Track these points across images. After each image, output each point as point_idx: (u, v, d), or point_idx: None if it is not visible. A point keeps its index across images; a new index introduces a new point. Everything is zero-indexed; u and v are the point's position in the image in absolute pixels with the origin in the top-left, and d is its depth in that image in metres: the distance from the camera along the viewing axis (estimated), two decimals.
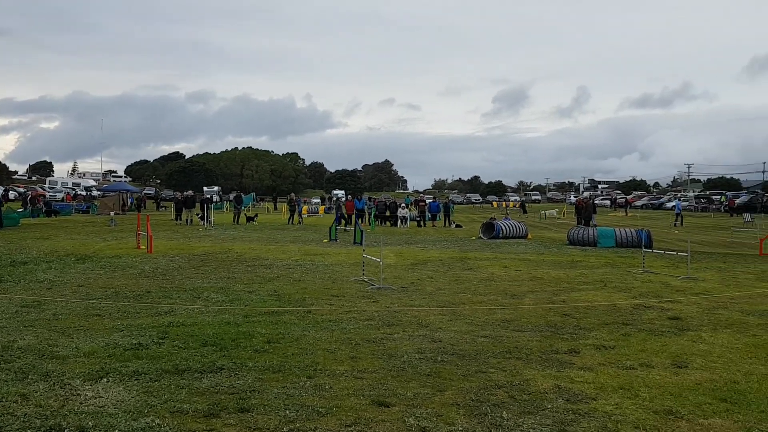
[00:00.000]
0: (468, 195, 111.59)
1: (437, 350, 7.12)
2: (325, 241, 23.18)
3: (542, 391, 5.73)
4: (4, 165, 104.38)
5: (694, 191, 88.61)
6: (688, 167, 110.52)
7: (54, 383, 5.70)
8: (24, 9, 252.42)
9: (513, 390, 5.74)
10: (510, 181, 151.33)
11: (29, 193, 54.64)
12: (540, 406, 5.31)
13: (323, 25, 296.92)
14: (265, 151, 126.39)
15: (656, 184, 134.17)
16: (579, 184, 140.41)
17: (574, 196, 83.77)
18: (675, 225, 36.23)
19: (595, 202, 43.14)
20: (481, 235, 25.68)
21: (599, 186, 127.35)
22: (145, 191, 74.63)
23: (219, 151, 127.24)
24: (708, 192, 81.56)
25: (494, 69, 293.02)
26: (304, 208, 47.72)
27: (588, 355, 7.05)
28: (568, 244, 22.62)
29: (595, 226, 27.27)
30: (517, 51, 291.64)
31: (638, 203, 77.85)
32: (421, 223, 35.26)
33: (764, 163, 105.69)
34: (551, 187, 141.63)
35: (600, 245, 21.60)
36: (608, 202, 74.71)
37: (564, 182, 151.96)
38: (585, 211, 29.69)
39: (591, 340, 7.77)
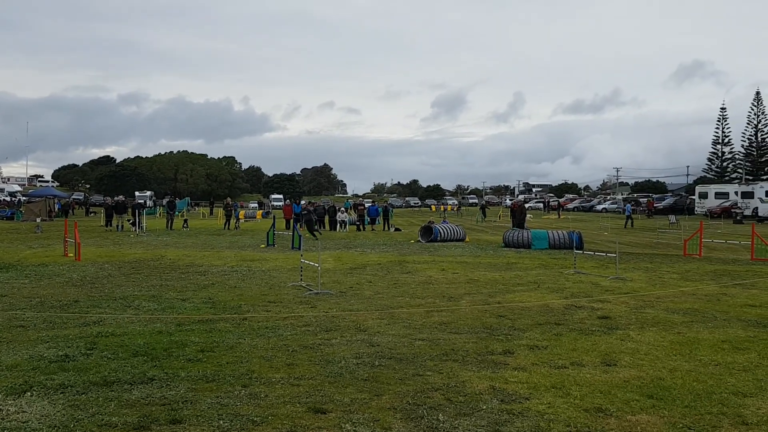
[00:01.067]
0: (407, 198, 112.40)
1: (375, 354, 7.12)
2: (263, 246, 22.88)
3: (477, 392, 5.80)
4: None
5: (622, 194, 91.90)
6: (617, 171, 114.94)
7: None
8: None
9: (449, 392, 5.79)
10: (448, 185, 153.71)
11: None
12: (475, 408, 5.38)
13: (262, 26, 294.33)
14: (200, 154, 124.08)
15: (587, 187, 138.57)
16: (514, 188, 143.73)
17: (510, 200, 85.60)
18: (626, 227, 37.51)
19: (527, 205, 44.15)
20: (420, 238, 25.90)
21: (533, 189, 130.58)
22: (73, 196, 71.84)
23: (152, 155, 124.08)
24: (636, 195, 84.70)
25: (433, 74, 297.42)
26: (241, 213, 46.98)
27: (522, 355, 7.19)
28: (504, 246, 23.07)
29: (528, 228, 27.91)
30: (456, 56, 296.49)
31: (570, 206, 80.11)
32: (361, 227, 35.29)
33: (688, 166, 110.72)
34: (488, 191, 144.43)
35: (534, 247, 22.12)
36: (541, 205, 76.58)
37: (500, 185, 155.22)
38: (519, 214, 30.35)
39: (525, 340, 7.94)
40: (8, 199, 64.80)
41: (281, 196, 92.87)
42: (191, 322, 8.91)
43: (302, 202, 36.56)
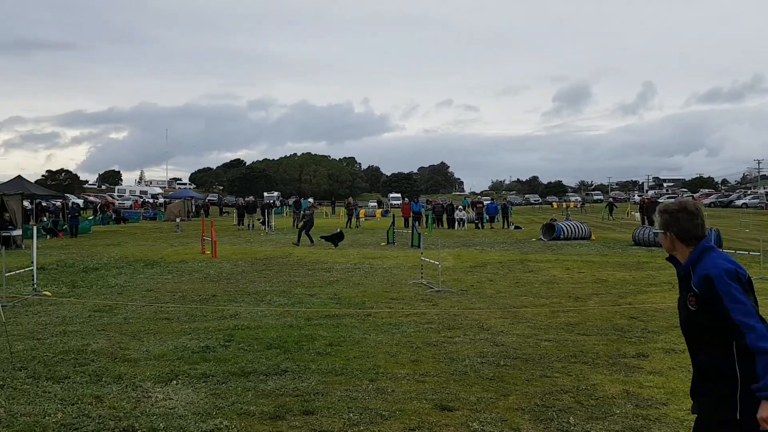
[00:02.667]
0: (526, 195, 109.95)
1: (499, 354, 7.04)
2: (383, 244, 23.25)
3: (610, 396, 5.58)
4: (76, 175, 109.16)
5: (764, 188, 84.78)
6: (758, 163, 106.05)
7: (126, 385, 5.91)
8: (88, 24, 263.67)
9: (579, 395, 5.61)
10: (570, 181, 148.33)
11: (99, 201, 56.89)
12: (608, 412, 5.18)
13: (378, 28, 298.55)
14: (322, 156, 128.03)
15: (724, 181, 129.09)
16: (643, 183, 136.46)
17: (638, 195, 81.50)
18: None
19: (661, 201, 41.73)
20: (542, 236, 25.26)
21: (664, 184, 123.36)
22: (208, 197, 76.59)
23: (278, 157, 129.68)
24: None
25: (554, 67, 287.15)
26: (361, 211, 48.04)
27: (657, 358, 6.83)
28: (633, 244, 21.99)
29: None
30: (578, 47, 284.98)
31: (706, 201, 75.01)
32: (479, 225, 34.96)
33: None
34: (614, 186, 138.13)
35: None
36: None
37: (627, 181, 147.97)
38: (649, 211, 28.81)
39: (660, 343, 7.53)
40: (151, 200, 70.20)
41: (399, 195, 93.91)
42: (319, 316, 9.23)
43: (309, 200, 35.43)
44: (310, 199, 35.20)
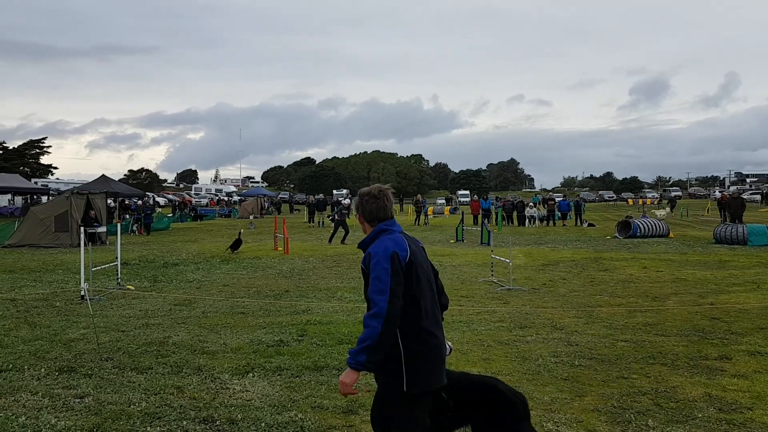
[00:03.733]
0: (600, 192, 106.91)
1: (574, 354, 6.90)
2: (452, 241, 23.14)
3: (691, 399, 5.38)
4: (156, 174, 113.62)
5: None
6: None
7: (205, 377, 6.13)
8: (167, 28, 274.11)
9: (659, 397, 5.44)
10: (646, 177, 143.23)
11: (178, 200, 59.05)
12: (689, 415, 5.00)
13: (445, 25, 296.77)
14: (390, 153, 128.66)
15: None
16: (724, 178, 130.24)
17: (719, 191, 77.90)
18: None
19: (744, 197, 39.72)
20: (617, 234, 24.54)
21: (747, 179, 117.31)
22: (280, 195, 78.23)
23: (347, 155, 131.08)
24: None
25: (630, 59, 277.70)
26: (430, 209, 47.94)
27: (741, 361, 6.53)
28: (715, 242, 21.07)
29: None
30: (656, 39, 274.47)
31: None
32: (550, 222, 34.27)
33: None
34: (692, 182, 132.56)
35: (751, 244, 19.92)
36: (758, 197, 68.67)
37: (707, 176, 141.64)
38: (732, 208, 27.52)
39: (744, 345, 7.19)
40: (226, 198, 72.31)
41: (467, 192, 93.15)
42: None
43: (345, 199, 34.91)
44: (347, 200, 35.14)
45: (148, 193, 49.09)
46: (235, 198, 72.16)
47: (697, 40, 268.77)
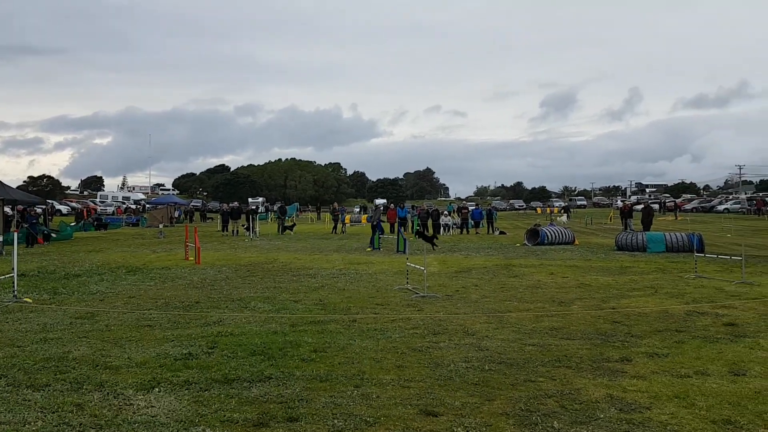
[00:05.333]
0: (511, 201, 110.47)
1: (484, 359, 7.04)
2: (369, 249, 23.23)
3: (594, 400, 5.60)
4: (58, 181, 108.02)
5: (746, 193, 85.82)
6: (740, 168, 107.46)
7: (108, 393, 5.83)
8: (76, 29, 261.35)
9: (564, 399, 5.62)
10: (554, 187, 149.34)
11: (81, 207, 56.34)
12: (592, 416, 5.19)
13: (365, 35, 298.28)
14: (307, 161, 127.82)
15: (706, 187, 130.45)
16: (626, 188, 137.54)
17: (621, 201, 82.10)
18: None
19: (639, 207, 42.05)
20: (526, 241, 25.37)
21: (647, 189, 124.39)
22: (192, 203, 76.09)
23: (263, 163, 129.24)
24: (761, 194, 78.79)
25: (543, 72, 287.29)
26: (347, 217, 47.99)
27: (641, 363, 6.86)
28: (617, 249, 22.16)
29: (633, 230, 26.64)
30: (567, 53, 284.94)
31: (688, 207, 75.78)
32: (464, 230, 35.05)
33: None
34: (597, 192, 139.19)
35: (649, 250, 21.10)
36: (656, 206, 72.95)
37: (610, 186, 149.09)
38: (643, 216, 29.27)
39: (643, 347, 7.57)
40: (134, 206, 69.61)
41: (384, 201, 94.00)
42: (304, 322, 9.18)
43: (382, 203, 36.27)
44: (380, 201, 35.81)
45: (48, 201, 46.48)
46: (145, 205, 69.58)
47: (604, 55, 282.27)
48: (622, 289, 12.49)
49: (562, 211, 58.43)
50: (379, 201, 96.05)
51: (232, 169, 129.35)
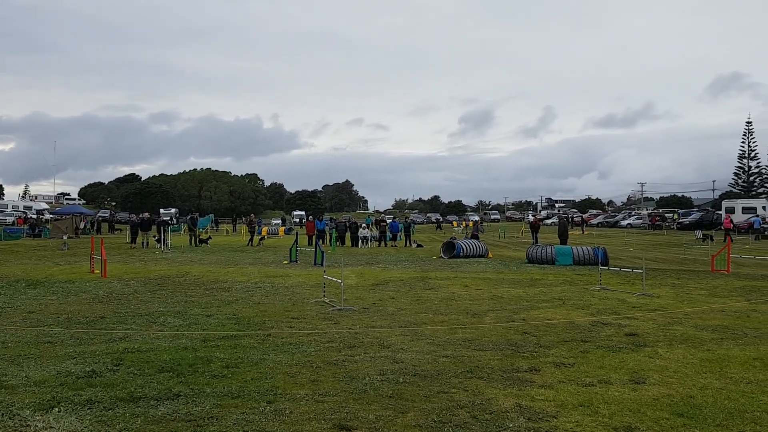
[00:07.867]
0: (428, 215, 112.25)
1: (399, 371, 7.08)
2: (285, 262, 22.97)
3: (504, 410, 5.73)
4: None
5: (647, 209, 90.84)
6: (641, 186, 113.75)
7: (2, 414, 5.48)
8: None
9: (475, 410, 5.73)
10: (470, 201, 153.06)
11: None
12: (502, 426, 5.31)
13: (291, 45, 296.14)
14: (224, 172, 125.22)
15: (611, 203, 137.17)
16: (536, 203, 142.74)
17: (532, 215, 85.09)
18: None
19: (550, 221, 43.84)
20: (442, 254, 25.82)
21: (556, 204, 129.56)
22: (99, 214, 72.81)
23: (177, 173, 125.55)
24: (661, 210, 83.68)
25: (464, 89, 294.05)
26: (264, 229, 47.30)
27: (548, 372, 7.10)
28: (527, 262, 22.90)
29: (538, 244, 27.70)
30: (487, 72, 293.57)
31: (594, 221, 79.35)
32: (382, 243, 35.28)
33: (714, 181, 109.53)
34: (510, 206, 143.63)
35: (558, 263, 21.93)
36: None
37: (522, 201, 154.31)
38: (563, 231, 30.66)
39: (551, 357, 7.84)
40: (35, 216, 65.89)
41: (303, 213, 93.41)
42: (216, 338, 8.95)
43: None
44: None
45: None
46: (47, 216, 65.97)
47: (522, 74, 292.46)
48: (532, 301, 12.90)
49: (465, 225, 60.10)
50: (298, 213, 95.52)
51: (143, 179, 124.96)
